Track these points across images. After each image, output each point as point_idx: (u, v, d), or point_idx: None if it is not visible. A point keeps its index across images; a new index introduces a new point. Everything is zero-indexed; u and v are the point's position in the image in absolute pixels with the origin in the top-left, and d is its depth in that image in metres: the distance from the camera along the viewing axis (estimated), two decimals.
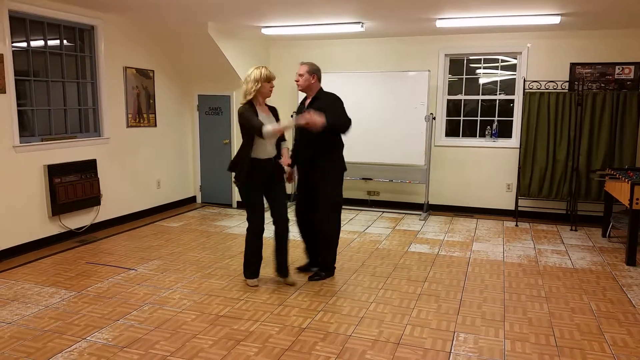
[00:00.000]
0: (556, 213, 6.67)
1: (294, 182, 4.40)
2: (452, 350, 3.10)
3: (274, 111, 4.11)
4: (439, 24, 5.79)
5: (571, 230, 6.14)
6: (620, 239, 5.69)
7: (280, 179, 4.11)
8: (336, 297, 3.93)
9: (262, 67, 3.95)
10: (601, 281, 4.35)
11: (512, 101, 6.83)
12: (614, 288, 4.18)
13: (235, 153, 7.22)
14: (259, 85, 3.87)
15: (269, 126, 3.75)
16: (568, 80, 6.41)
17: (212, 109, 7.29)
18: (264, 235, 4.13)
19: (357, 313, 3.63)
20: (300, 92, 4.32)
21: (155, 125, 6.69)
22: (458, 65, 7.02)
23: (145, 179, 6.59)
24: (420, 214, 6.91)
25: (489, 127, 6.95)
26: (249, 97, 3.90)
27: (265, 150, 3.93)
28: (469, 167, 7.01)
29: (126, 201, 6.29)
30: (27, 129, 5.08)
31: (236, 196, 7.33)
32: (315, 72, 4.08)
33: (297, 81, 4.12)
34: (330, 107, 3.97)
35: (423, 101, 6.63)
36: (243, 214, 6.91)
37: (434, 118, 6.93)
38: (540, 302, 3.88)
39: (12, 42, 4.79)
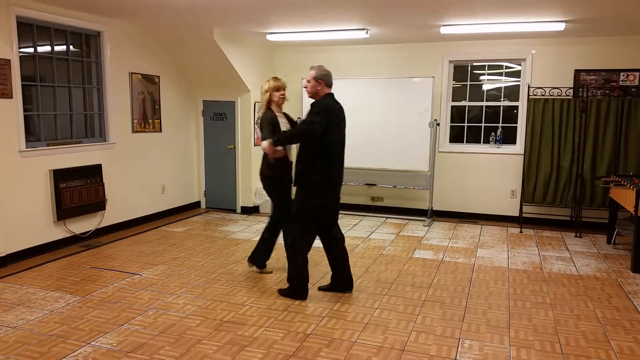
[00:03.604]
0: (561, 220, 6.65)
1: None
2: (457, 357, 3.09)
3: (287, 117, 4.45)
4: (444, 30, 5.80)
5: (576, 236, 6.12)
6: (625, 246, 5.66)
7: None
8: (341, 302, 3.93)
9: (273, 78, 4.34)
10: (606, 288, 4.33)
11: (516, 107, 6.83)
12: (619, 295, 4.17)
13: (245, 158, 7.21)
14: (268, 94, 4.29)
15: (265, 142, 4.00)
16: (572, 86, 6.41)
17: (217, 114, 7.32)
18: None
19: (361, 319, 3.62)
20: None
21: (161, 131, 6.72)
22: (462, 72, 7.02)
23: (150, 184, 6.61)
24: (424, 220, 6.90)
25: (493, 133, 6.95)
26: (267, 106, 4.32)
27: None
28: (473, 174, 7.00)
29: (131, 206, 6.31)
30: (33, 134, 5.11)
31: (241, 201, 7.34)
32: (321, 77, 3.90)
33: (305, 87, 4.03)
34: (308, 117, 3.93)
35: (427, 107, 6.64)
36: (247, 218, 6.92)
37: (438, 124, 6.93)
38: (545, 309, 3.87)
39: (19, 48, 4.83)
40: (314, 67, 3.96)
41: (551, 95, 6.42)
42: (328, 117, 3.77)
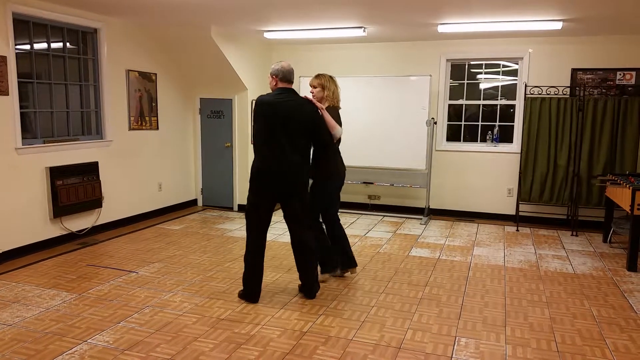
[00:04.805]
0: (557, 218, 6.67)
1: None
2: (454, 355, 3.09)
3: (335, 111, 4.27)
4: (441, 29, 5.80)
5: (572, 235, 6.14)
6: (621, 245, 5.69)
7: None
8: (337, 300, 3.93)
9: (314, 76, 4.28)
10: (602, 287, 4.34)
11: (513, 106, 6.84)
12: (615, 294, 4.18)
13: (242, 156, 7.22)
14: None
15: None
16: (569, 85, 6.42)
17: (214, 112, 7.31)
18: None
19: (358, 317, 3.63)
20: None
21: (157, 128, 6.70)
22: (459, 70, 7.03)
23: (146, 182, 6.60)
24: (421, 218, 6.91)
25: (490, 132, 6.96)
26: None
27: None
28: (470, 172, 7.02)
29: (127, 204, 6.29)
30: (30, 131, 5.09)
31: (238, 199, 7.34)
32: (275, 73, 3.84)
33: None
34: None
35: (424, 106, 6.64)
36: (244, 217, 6.91)
37: (435, 123, 6.94)
38: (542, 307, 3.88)
39: (16, 45, 4.81)
40: (274, 63, 3.90)
41: (548, 94, 6.43)
42: (256, 109, 3.77)
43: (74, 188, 5.37)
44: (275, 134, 3.71)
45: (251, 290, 3.88)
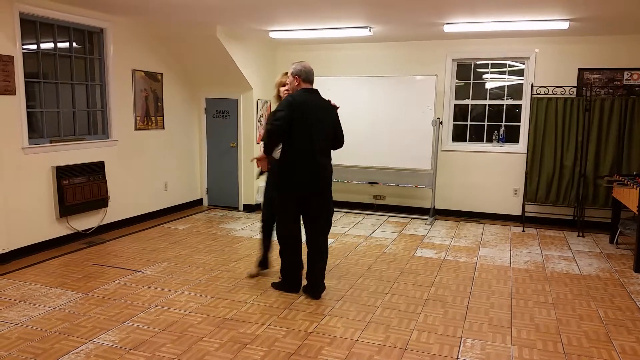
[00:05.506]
0: (563, 219, 6.64)
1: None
2: (459, 356, 3.08)
3: None
4: (447, 28, 5.78)
5: (578, 236, 6.11)
6: (628, 246, 5.65)
7: None
8: (342, 301, 3.93)
9: (283, 73, 4.19)
10: (609, 288, 4.32)
11: (519, 106, 6.81)
12: (622, 295, 4.16)
13: (248, 155, 7.23)
14: (277, 89, 4.23)
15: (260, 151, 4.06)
16: (576, 85, 6.39)
17: (219, 112, 7.32)
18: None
19: (363, 317, 3.62)
20: None
21: (163, 128, 6.72)
22: (465, 70, 7.01)
23: (152, 182, 6.62)
24: (426, 219, 6.89)
25: (496, 132, 6.94)
26: None
27: None
28: (476, 172, 6.99)
29: (133, 203, 6.31)
30: (36, 131, 5.11)
31: (243, 199, 7.34)
32: (297, 73, 3.83)
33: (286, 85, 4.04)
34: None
35: (430, 106, 6.62)
36: (249, 216, 6.93)
37: (441, 123, 6.92)
38: (548, 308, 3.86)
39: (22, 44, 4.83)
40: (294, 63, 3.89)
41: (554, 94, 6.40)
42: (290, 110, 3.68)
43: (80, 187, 5.39)
44: (308, 134, 3.73)
45: (293, 281, 4.06)
